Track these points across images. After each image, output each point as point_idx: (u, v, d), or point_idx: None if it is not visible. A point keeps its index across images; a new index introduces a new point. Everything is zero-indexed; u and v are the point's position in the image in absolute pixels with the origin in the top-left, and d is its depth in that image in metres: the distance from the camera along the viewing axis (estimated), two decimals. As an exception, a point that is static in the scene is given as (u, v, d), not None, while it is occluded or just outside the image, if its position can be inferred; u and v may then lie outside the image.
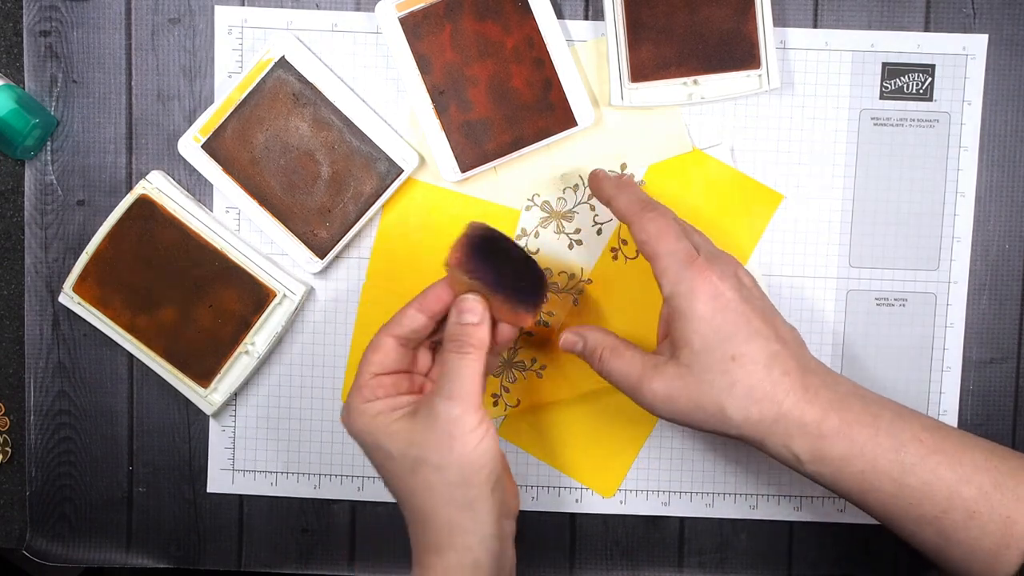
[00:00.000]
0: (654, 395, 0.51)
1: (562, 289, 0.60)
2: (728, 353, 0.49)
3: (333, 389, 0.62)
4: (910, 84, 0.60)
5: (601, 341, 0.53)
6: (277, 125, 0.59)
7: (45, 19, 0.60)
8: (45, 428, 0.62)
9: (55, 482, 0.62)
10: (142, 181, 0.59)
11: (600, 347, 0.53)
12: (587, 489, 0.62)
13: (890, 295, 0.61)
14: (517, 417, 0.61)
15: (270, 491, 0.62)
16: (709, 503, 0.62)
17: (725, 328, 0.49)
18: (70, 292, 0.60)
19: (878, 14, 0.59)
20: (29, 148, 0.59)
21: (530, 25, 0.58)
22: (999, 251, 0.61)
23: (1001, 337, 0.61)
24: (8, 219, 0.61)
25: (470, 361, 0.50)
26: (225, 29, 0.60)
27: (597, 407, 0.61)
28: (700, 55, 0.58)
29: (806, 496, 0.61)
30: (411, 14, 0.58)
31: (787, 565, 0.62)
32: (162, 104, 0.60)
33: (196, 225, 0.59)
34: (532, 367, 0.61)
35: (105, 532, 0.62)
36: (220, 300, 0.60)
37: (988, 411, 0.61)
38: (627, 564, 0.62)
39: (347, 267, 0.61)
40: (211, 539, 0.63)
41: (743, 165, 0.60)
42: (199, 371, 0.60)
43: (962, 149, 0.60)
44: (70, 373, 0.62)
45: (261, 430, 0.62)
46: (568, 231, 0.60)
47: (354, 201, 0.59)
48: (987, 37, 0.59)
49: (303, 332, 0.61)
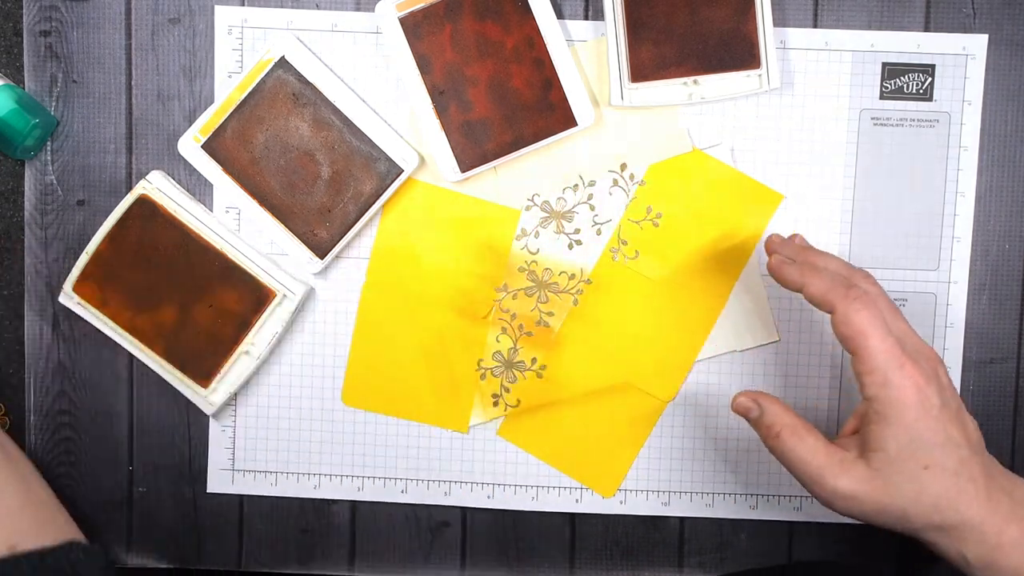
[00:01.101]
0: (835, 492, 0.50)
1: (562, 289, 0.60)
2: (922, 462, 0.49)
3: (333, 389, 0.62)
4: (910, 84, 0.60)
5: (780, 417, 0.52)
6: (277, 125, 0.59)
7: (45, 19, 0.60)
8: (45, 428, 0.62)
9: (55, 482, 0.62)
10: (142, 181, 0.59)
11: (779, 424, 0.52)
12: (587, 489, 0.62)
13: (890, 295, 0.60)
14: (517, 417, 0.61)
15: (270, 491, 0.62)
16: (709, 503, 0.62)
17: (924, 436, 0.49)
18: (70, 292, 0.60)
19: (878, 14, 0.59)
20: (29, 148, 0.59)
21: (530, 25, 0.58)
22: (999, 251, 0.61)
23: (1001, 337, 0.61)
24: (8, 219, 0.61)
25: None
26: (225, 29, 0.60)
27: (597, 407, 0.61)
28: (700, 55, 0.58)
29: (806, 496, 0.61)
30: (411, 14, 0.58)
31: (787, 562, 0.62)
32: (162, 104, 0.60)
33: (196, 225, 0.59)
34: (532, 367, 0.61)
35: (105, 532, 0.62)
36: (220, 300, 0.60)
37: (988, 411, 0.61)
38: (627, 564, 0.62)
39: (347, 267, 0.61)
40: (211, 539, 0.63)
41: (743, 165, 0.60)
42: (199, 371, 0.60)
43: (962, 149, 0.60)
44: (70, 373, 0.62)
45: (261, 430, 0.62)
46: (568, 231, 0.60)
47: (354, 201, 0.59)
48: (987, 37, 0.59)
49: (303, 332, 0.61)
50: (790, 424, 0.51)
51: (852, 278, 0.52)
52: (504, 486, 0.62)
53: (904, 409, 0.49)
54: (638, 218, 0.60)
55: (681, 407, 0.61)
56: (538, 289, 0.60)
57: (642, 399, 0.61)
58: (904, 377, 0.48)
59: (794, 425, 0.51)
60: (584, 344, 0.60)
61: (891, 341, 0.49)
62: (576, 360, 0.61)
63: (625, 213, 0.60)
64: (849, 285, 0.50)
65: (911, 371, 0.49)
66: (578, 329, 0.60)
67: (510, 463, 0.62)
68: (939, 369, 0.51)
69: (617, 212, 0.60)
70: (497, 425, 0.61)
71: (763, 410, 0.53)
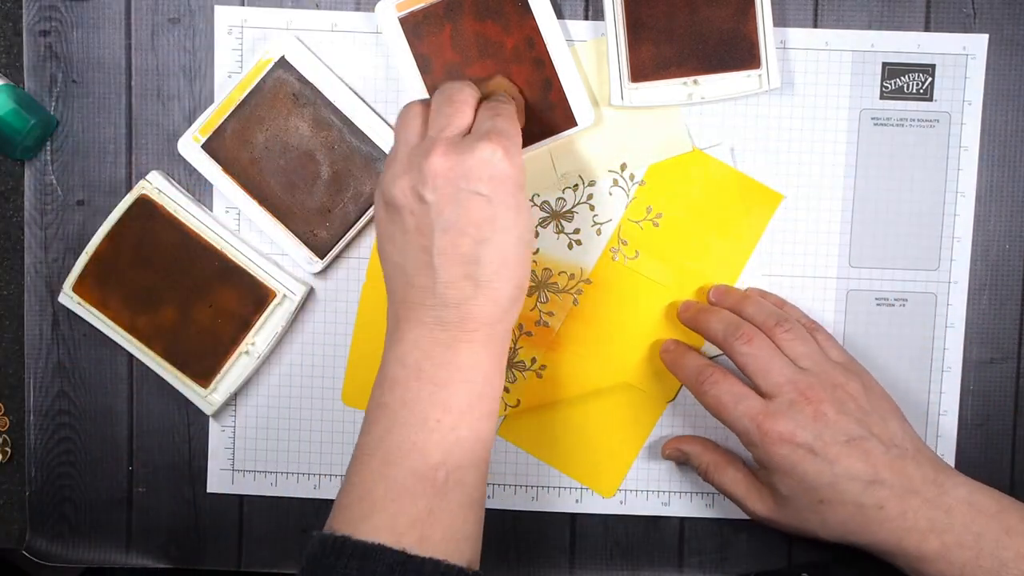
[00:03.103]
0: (756, 516, 0.56)
1: (562, 289, 0.60)
2: (816, 498, 0.51)
3: (333, 389, 0.62)
4: (910, 84, 0.60)
5: (702, 457, 0.58)
6: (277, 125, 0.59)
7: (45, 19, 0.60)
8: (45, 428, 0.62)
9: (55, 482, 0.62)
10: (142, 181, 0.59)
11: (703, 463, 0.58)
12: (587, 489, 0.62)
13: (890, 295, 0.61)
14: (517, 417, 0.61)
15: (270, 491, 0.62)
16: (709, 503, 0.62)
17: (809, 479, 0.51)
18: (70, 292, 0.60)
19: (878, 14, 0.59)
20: (29, 148, 0.59)
21: (530, 25, 0.58)
22: (999, 251, 0.61)
23: (1001, 337, 0.61)
24: (8, 219, 0.61)
25: None
26: (225, 29, 0.60)
27: (597, 407, 0.61)
28: (700, 55, 0.58)
29: (806, 496, 0.61)
30: (411, 14, 0.58)
31: (787, 565, 0.62)
32: (162, 104, 0.60)
33: (196, 225, 0.59)
34: (532, 367, 0.61)
35: (105, 532, 0.62)
36: (220, 300, 0.60)
37: (988, 411, 0.61)
38: (627, 564, 0.62)
39: (347, 267, 0.61)
40: (211, 539, 0.63)
41: (743, 165, 0.60)
42: (199, 371, 0.60)
43: (962, 149, 0.60)
44: (70, 373, 0.62)
45: (261, 430, 0.62)
46: (568, 231, 0.60)
47: (354, 201, 0.59)
48: (987, 37, 0.59)
49: (303, 332, 0.61)
50: (712, 461, 0.57)
51: (705, 366, 0.56)
52: (504, 486, 0.62)
53: (772, 461, 0.52)
54: (638, 218, 0.60)
55: (681, 407, 0.61)
56: (538, 289, 0.60)
57: (642, 399, 0.61)
58: (763, 435, 0.51)
59: (716, 461, 0.57)
60: (584, 344, 0.60)
61: (744, 406, 0.52)
62: (576, 360, 0.61)
63: (625, 213, 0.60)
64: (704, 374, 0.55)
65: (768, 429, 0.51)
66: (578, 329, 0.60)
67: (510, 463, 0.62)
68: (847, 389, 0.52)
69: (617, 212, 0.60)
70: (497, 425, 0.61)
71: (688, 454, 0.59)
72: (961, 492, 0.51)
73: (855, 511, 0.51)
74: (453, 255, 0.48)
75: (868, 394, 0.53)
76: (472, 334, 0.48)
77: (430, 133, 0.50)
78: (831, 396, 0.52)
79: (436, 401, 0.48)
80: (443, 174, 0.48)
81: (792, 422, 0.51)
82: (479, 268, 0.48)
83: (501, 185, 0.48)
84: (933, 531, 0.50)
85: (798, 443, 0.51)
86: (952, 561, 0.49)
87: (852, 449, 0.51)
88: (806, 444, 0.51)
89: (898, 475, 0.51)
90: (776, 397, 0.52)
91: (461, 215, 0.47)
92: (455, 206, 0.47)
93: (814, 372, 0.53)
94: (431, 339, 0.48)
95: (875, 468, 0.51)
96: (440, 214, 0.48)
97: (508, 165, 0.48)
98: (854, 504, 0.51)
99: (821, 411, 0.51)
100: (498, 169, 0.48)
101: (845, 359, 0.56)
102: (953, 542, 0.49)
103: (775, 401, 0.52)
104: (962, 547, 0.49)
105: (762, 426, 0.51)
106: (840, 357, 0.56)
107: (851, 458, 0.51)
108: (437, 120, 0.50)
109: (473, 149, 0.48)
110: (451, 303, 0.48)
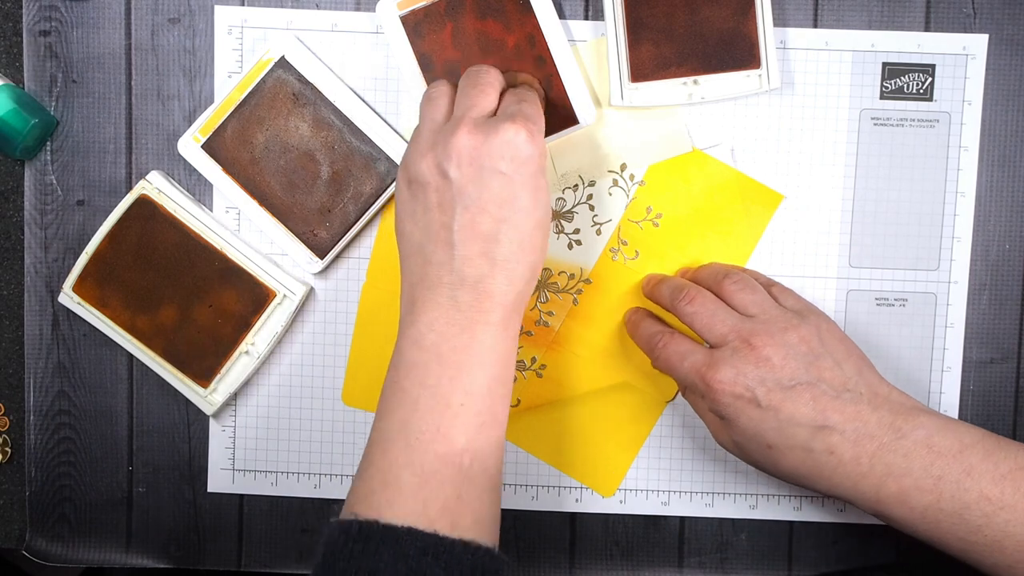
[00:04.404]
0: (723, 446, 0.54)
1: (562, 289, 0.60)
2: (764, 443, 0.51)
3: (333, 389, 0.62)
4: (910, 84, 0.60)
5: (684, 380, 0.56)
6: (277, 125, 0.59)
7: (45, 19, 0.60)
8: (45, 428, 0.62)
9: (55, 482, 0.62)
10: (142, 181, 0.59)
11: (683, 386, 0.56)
12: (587, 489, 0.62)
13: (890, 295, 0.61)
14: (517, 417, 0.61)
15: (270, 491, 0.62)
16: (709, 503, 0.62)
17: (751, 426, 0.51)
18: (70, 292, 0.60)
19: (878, 14, 0.59)
20: (29, 148, 0.59)
21: (531, 23, 0.58)
22: (999, 251, 0.61)
23: (1001, 337, 0.61)
24: (8, 219, 0.61)
25: None
26: (225, 29, 0.60)
27: (597, 407, 0.61)
28: (700, 55, 0.58)
29: (806, 496, 0.61)
30: (412, 12, 0.58)
31: (787, 565, 0.62)
32: (162, 104, 0.60)
33: (196, 225, 0.59)
34: (532, 367, 0.61)
35: (105, 532, 0.62)
36: (220, 300, 0.60)
37: (988, 411, 0.61)
38: (627, 564, 0.62)
39: (347, 267, 0.61)
40: (211, 539, 0.63)
41: (743, 165, 0.60)
42: (199, 371, 0.60)
43: (962, 149, 0.60)
44: (70, 373, 0.62)
45: (261, 430, 0.62)
46: (568, 231, 0.60)
47: (354, 201, 0.59)
48: (987, 37, 0.59)
49: (303, 332, 0.61)
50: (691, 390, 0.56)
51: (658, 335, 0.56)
52: (504, 486, 0.62)
53: (724, 412, 0.52)
54: (638, 218, 0.60)
55: (681, 407, 0.61)
56: (538, 289, 0.60)
57: (642, 399, 0.61)
58: (707, 388, 0.51)
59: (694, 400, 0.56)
60: (584, 344, 0.60)
61: (688, 362, 0.52)
62: (576, 360, 0.61)
63: (625, 213, 0.60)
64: (656, 341, 0.55)
65: (711, 380, 0.51)
66: (578, 329, 0.60)
67: (509, 463, 0.62)
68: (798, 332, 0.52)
69: (617, 212, 0.60)
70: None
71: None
72: (919, 434, 0.49)
73: (804, 456, 0.50)
74: (473, 232, 0.48)
75: (821, 337, 0.52)
76: (488, 315, 0.49)
77: (456, 113, 0.51)
78: (777, 341, 0.51)
79: (457, 386, 0.48)
80: (468, 152, 0.48)
81: (733, 369, 0.50)
82: (497, 246, 0.48)
83: (523, 166, 0.49)
84: (891, 475, 0.48)
85: (740, 390, 0.50)
86: (912, 506, 0.48)
87: (798, 394, 0.50)
88: (749, 390, 0.50)
89: (851, 420, 0.50)
90: (721, 347, 0.52)
91: (483, 193, 0.48)
92: (477, 184, 0.48)
93: (761, 319, 0.52)
94: (447, 320, 0.49)
95: (824, 413, 0.50)
96: (462, 191, 0.48)
97: (531, 147, 0.49)
98: (802, 449, 0.50)
99: (764, 355, 0.51)
100: (521, 150, 0.49)
101: (801, 306, 0.55)
102: (912, 486, 0.48)
103: (719, 351, 0.52)
104: (921, 491, 0.48)
105: (705, 377, 0.51)
106: (796, 305, 0.55)
107: (796, 403, 0.50)
108: (463, 101, 0.51)
109: (498, 129, 0.49)
110: (468, 280, 0.49)
